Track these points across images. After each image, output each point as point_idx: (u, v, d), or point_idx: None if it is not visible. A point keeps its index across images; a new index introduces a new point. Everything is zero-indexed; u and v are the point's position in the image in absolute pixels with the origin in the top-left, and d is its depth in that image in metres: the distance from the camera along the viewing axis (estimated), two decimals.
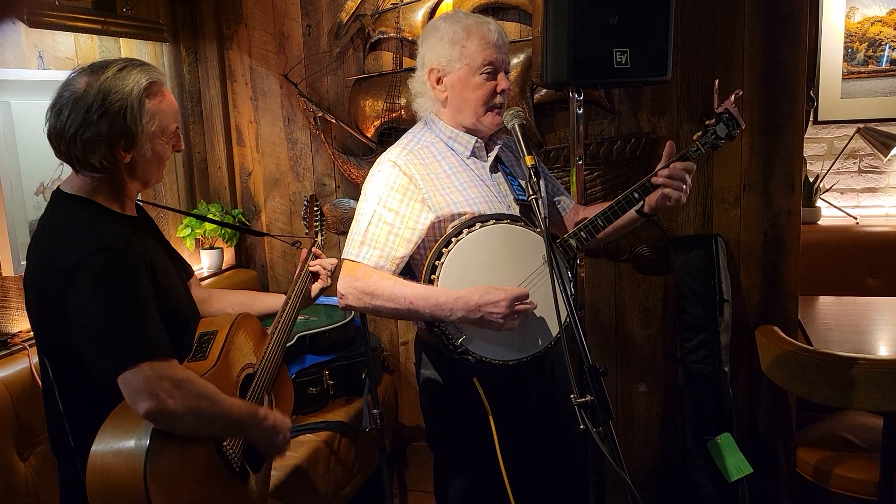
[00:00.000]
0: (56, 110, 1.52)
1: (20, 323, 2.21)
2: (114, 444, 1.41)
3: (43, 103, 2.23)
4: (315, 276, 2.00)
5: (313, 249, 2.03)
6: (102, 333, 1.42)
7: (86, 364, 1.44)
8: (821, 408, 2.42)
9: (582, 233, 1.81)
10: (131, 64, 1.57)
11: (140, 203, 1.75)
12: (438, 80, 1.84)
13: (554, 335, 1.78)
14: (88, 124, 1.49)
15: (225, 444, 1.60)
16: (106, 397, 1.40)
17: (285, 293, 2.01)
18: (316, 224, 2.13)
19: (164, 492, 1.40)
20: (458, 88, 1.82)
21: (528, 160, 1.67)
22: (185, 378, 1.44)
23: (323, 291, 2.01)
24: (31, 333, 2.17)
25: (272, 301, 1.99)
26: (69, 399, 1.55)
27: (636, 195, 1.81)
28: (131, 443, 1.40)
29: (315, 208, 2.14)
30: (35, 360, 2.03)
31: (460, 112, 1.84)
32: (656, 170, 1.82)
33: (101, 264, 1.44)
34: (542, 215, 1.60)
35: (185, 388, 1.42)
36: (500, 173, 1.91)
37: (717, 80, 1.86)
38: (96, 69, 1.54)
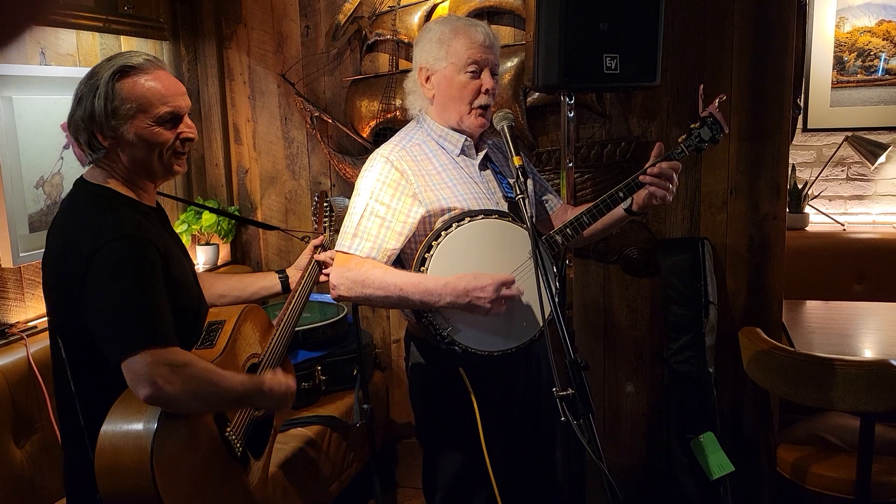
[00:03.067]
0: None
1: (18, 313, 2.25)
2: (123, 426, 1.46)
3: (44, 98, 2.30)
4: (321, 266, 2.05)
5: (320, 240, 2.08)
6: (112, 320, 1.47)
7: (99, 346, 1.49)
8: (804, 409, 2.47)
9: (568, 229, 1.86)
10: (127, 52, 1.63)
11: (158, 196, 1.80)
12: (427, 79, 1.90)
13: (539, 327, 1.83)
14: (76, 108, 1.59)
15: (228, 430, 1.65)
16: (117, 378, 1.45)
17: (276, 271, 2.06)
18: (325, 220, 2.18)
19: (168, 474, 1.45)
20: (443, 86, 1.87)
21: (516, 160, 1.72)
22: (185, 362, 1.49)
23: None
24: (30, 324, 2.22)
25: (266, 282, 2.03)
26: (81, 379, 1.60)
27: (621, 194, 1.86)
28: (140, 425, 1.45)
29: (325, 205, 2.19)
30: (33, 350, 2.08)
31: (446, 110, 1.89)
32: (643, 169, 1.87)
33: (119, 251, 1.49)
34: (529, 213, 1.64)
35: (183, 372, 1.47)
36: (489, 171, 1.96)
37: (702, 86, 1.91)
38: (105, 59, 1.62)
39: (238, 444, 1.68)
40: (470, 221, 1.79)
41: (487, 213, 1.82)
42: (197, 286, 1.79)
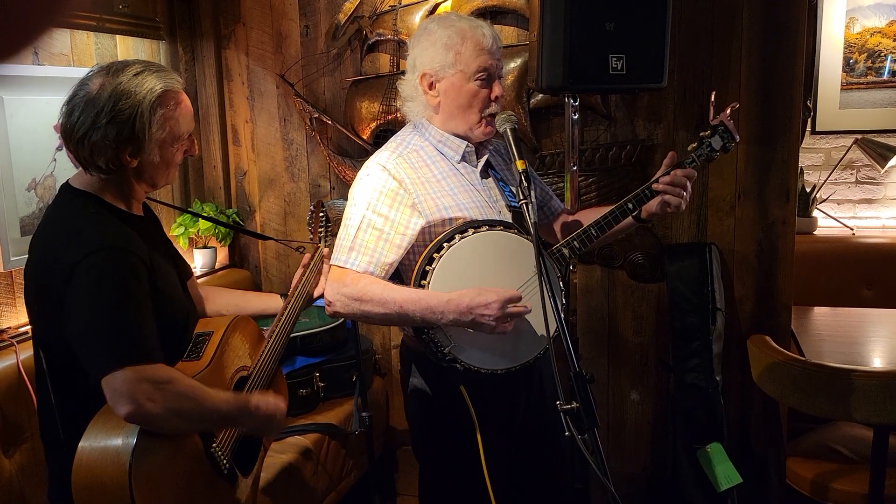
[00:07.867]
0: (69, 109, 1.53)
1: (9, 318, 2.20)
2: (101, 442, 1.40)
3: (36, 99, 2.25)
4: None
5: (324, 251, 2.03)
6: (92, 335, 1.42)
7: (79, 360, 1.45)
8: (812, 419, 2.41)
9: (575, 242, 1.79)
10: (149, 69, 1.56)
11: (146, 201, 1.75)
12: (431, 86, 1.81)
13: (544, 344, 1.76)
14: (97, 128, 1.49)
15: (214, 445, 1.59)
16: (98, 393, 1.40)
17: (280, 294, 2.01)
18: (321, 230, 2.12)
19: (148, 491, 1.39)
20: (451, 95, 1.78)
21: (520, 164, 1.65)
22: (168, 379, 1.44)
23: None
24: (20, 329, 2.17)
25: (267, 302, 1.98)
26: (61, 392, 1.56)
27: (630, 206, 1.80)
28: (118, 441, 1.39)
29: (321, 215, 2.13)
30: (23, 356, 2.02)
31: (452, 118, 1.81)
32: (654, 178, 1.81)
33: (101, 263, 1.45)
34: (532, 220, 1.58)
35: (166, 389, 1.42)
36: (490, 178, 1.88)
37: (714, 92, 1.85)
38: (113, 71, 1.54)
39: (224, 461, 1.61)
40: (474, 233, 1.71)
41: (492, 224, 1.74)
42: (187, 297, 1.74)
